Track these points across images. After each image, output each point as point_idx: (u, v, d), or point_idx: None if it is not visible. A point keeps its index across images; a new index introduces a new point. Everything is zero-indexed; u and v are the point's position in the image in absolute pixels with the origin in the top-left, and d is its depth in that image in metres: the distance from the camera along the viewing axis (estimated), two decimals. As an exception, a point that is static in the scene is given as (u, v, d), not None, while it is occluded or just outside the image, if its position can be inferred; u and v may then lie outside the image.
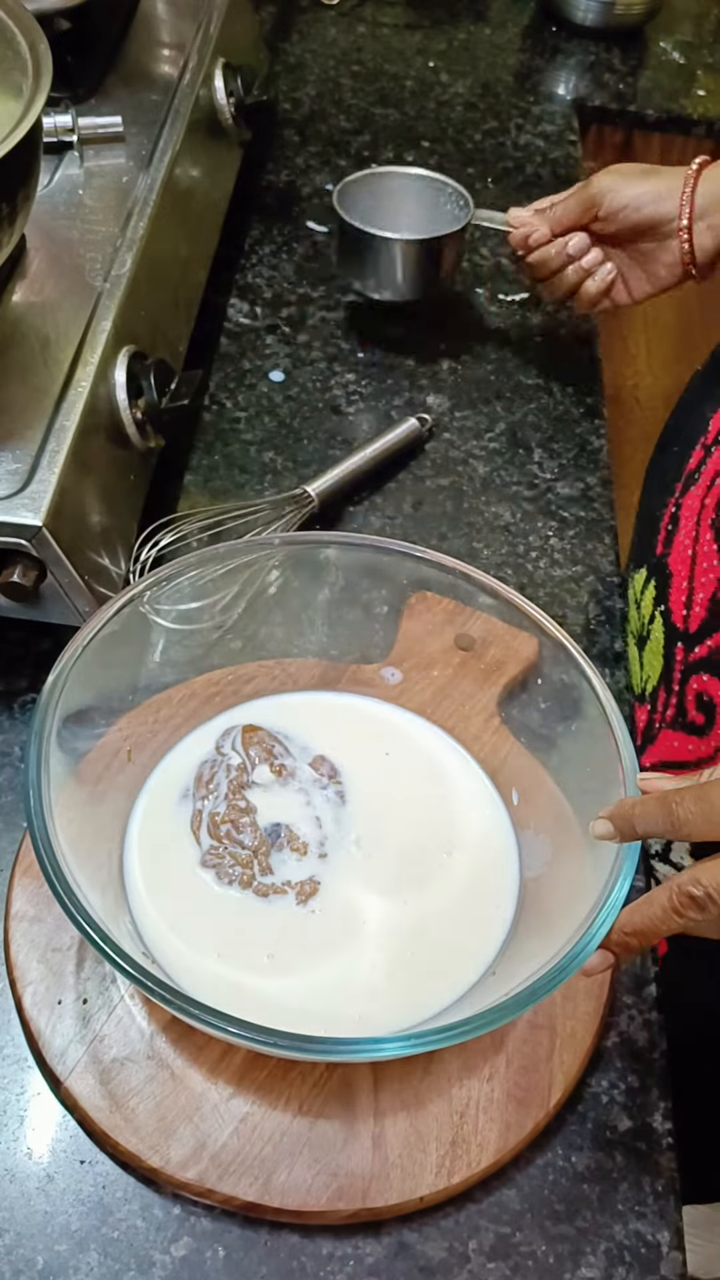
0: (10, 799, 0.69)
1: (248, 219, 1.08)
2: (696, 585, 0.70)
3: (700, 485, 0.70)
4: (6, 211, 0.67)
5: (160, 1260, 0.55)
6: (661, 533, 0.74)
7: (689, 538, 0.70)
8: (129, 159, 0.85)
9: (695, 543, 0.69)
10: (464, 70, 1.30)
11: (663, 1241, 0.57)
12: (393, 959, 0.61)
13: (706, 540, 0.68)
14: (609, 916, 0.53)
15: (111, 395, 0.73)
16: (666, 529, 0.73)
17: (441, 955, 0.61)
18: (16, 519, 0.65)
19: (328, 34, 1.32)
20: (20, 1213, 0.56)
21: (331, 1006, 0.59)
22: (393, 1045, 0.51)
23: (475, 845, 0.66)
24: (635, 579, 0.78)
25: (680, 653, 0.71)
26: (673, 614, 0.72)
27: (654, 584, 0.74)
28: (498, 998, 0.52)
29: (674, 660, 0.72)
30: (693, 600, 0.70)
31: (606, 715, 0.60)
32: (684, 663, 0.71)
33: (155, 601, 0.65)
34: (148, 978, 0.51)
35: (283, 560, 0.70)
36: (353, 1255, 0.56)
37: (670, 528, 0.73)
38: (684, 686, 0.71)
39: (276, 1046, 0.51)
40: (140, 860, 0.63)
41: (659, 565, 0.74)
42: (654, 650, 0.74)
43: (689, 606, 0.70)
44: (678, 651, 0.72)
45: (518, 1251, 0.56)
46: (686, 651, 0.71)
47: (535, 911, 0.62)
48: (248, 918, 0.62)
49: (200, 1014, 0.50)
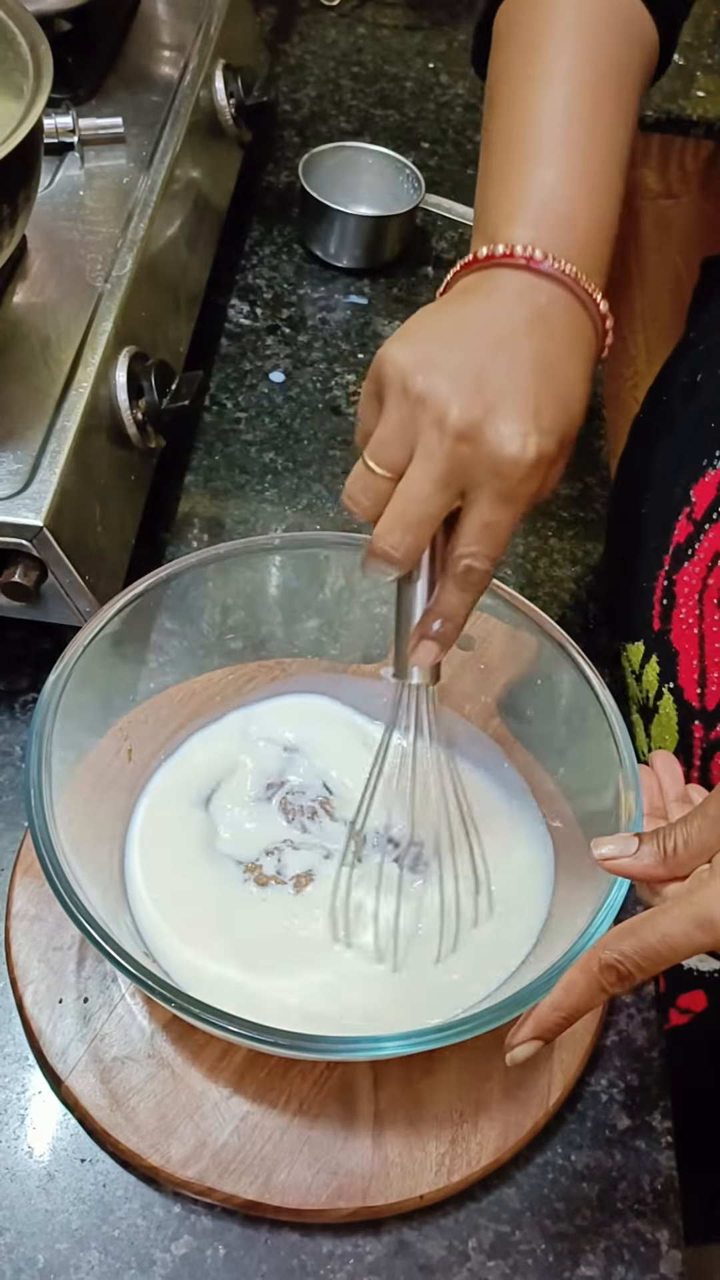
0: (11, 799, 0.69)
1: (248, 219, 1.08)
2: (710, 664, 0.69)
3: (698, 563, 0.68)
4: (7, 212, 0.67)
5: (161, 1259, 0.55)
6: (656, 607, 0.72)
7: (692, 615, 0.69)
8: (130, 160, 0.85)
9: (701, 621, 0.68)
10: (464, 71, 1.30)
11: (662, 1240, 0.57)
12: (398, 961, 0.61)
13: (716, 620, 0.67)
14: (608, 916, 0.53)
15: (112, 396, 0.74)
16: (662, 604, 0.72)
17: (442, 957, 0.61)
18: (17, 519, 0.65)
19: (328, 35, 1.32)
20: (21, 1211, 0.56)
21: (332, 1006, 0.59)
22: (392, 1044, 0.51)
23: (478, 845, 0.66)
24: (631, 651, 0.76)
25: (699, 730, 0.70)
26: (685, 692, 0.70)
27: (656, 659, 0.73)
28: (497, 998, 0.52)
29: (692, 738, 0.71)
30: (707, 679, 0.69)
31: (606, 715, 0.60)
32: (705, 740, 0.70)
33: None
34: (148, 976, 0.51)
35: (283, 560, 0.70)
36: (353, 1254, 0.56)
37: (665, 603, 0.71)
38: (707, 763, 0.70)
39: (277, 1046, 0.51)
40: (142, 860, 0.63)
41: (660, 641, 0.72)
42: (665, 726, 0.72)
43: (703, 685, 0.69)
44: (695, 729, 0.70)
45: (517, 1250, 0.56)
46: (707, 729, 0.70)
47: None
48: (250, 916, 0.62)
49: (200, 1013, 0.50)
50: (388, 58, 1.30)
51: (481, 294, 0.56)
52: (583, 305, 0.56)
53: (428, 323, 0.55)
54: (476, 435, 0.52)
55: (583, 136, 0.58)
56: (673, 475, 0.72)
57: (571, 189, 0.57)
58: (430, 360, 0.53)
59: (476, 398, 0.52)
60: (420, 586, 0.56)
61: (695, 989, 0.77)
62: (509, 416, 0.52)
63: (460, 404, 0.51)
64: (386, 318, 1.02)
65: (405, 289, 1.04)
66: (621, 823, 0.56)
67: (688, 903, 0.45)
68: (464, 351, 0.53)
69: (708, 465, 0.68)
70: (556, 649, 0.64)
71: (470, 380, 0.52)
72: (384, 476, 0.53)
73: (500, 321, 0.54)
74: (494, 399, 0.52)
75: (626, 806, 0.56)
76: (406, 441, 0.53)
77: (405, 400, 0.53)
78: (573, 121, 0.59)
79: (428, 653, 0.57)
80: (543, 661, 0.65)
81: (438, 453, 0.52)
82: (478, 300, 0.55)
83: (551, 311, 0.55)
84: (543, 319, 0.55)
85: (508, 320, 0.54)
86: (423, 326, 0.55)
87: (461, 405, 0.51)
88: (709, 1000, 0.75)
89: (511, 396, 0.52)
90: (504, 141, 0.60)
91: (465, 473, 0.52)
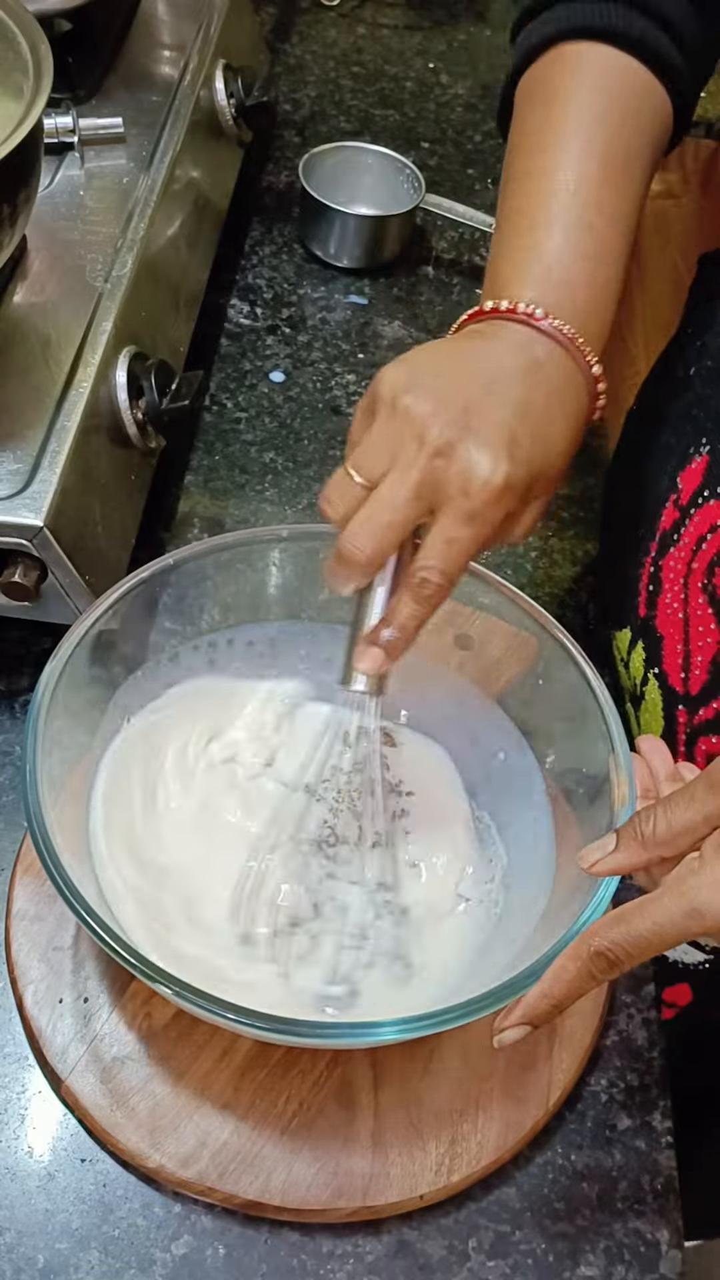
0: (11, 799, 0.69)
1: (248, 219, 1.08)
2: (694, 648, 0.70)
3: (683, 548, 0.69)
4: (8, 212, 0.67)
5: (161, 1258, 0.55)
6: (642, 594, 0.73)
7: (676, 600, 0.70)
8: (130, 160, 0.85)
9: (685, 605, 0.69)
10: (464, 71, 1.30)
11: (662, 1240, 0.57)
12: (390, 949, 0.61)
13: (699, 604, 0.68)
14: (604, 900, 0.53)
15: (112, 396, 0.74)
16: (648, 589, 0.73)
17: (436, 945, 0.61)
18: (18, 519, 0.65)
19: (328, 35, 1.32)
20: (21, 1211, 0.56)
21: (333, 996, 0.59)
22: (390, 1029, 0.51)
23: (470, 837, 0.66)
24: (619, 639, 0.77)
25: (683, 715, 0.71)
26: (669, 677, 0.71)
27: (642, 645, 0.74)
28: (491, 985, 0.52)
29: (676, 723, 0.72)
30: (691, 664, 0.70)
31: (605, 715, 0.60)
32: (688, 726, 0.71)
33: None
34: (148, 966, 0.51)
35: (282, 559, 0.70)
36: (352, 1253, 0.56)
37: (651, 589, 0.72)
38: (692, 749, 0.71)
39: (277, 1032, 0.51)
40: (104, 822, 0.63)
41: (645, 627, 0.73)
42: (651, 712, 0.73)
43: (687, 669, 0.70)
44: (679, 714, 0.71)
45: (517, 1250, 0.56)
46: (690, 714, 0.70)
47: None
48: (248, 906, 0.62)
49: (201, 1001, 0.50)
50: (388, 58, 1.30)
51: (484, 337, 0.59)
52: (577, 366, 0.60)
53: (429, 352, 0.59)
54: (451, 453, 0.54)
55: (589, 212, 0.62)
56: (660, 465, 0.73)
57: (574, 260, 0.62)
58: (423, 383, 0.56)
59: (458, 421, 0.55)
60: (379, 596, 0.58)
61: (680, 982, 0.77)
62: (485, 442, 0.55)
63: (441, 424, 0.55)
64: (386, 318, 1.02)
65: (405, 289, 1.05)
66: (616, 820, 0.56)
67: (677, 891, 0.45)
68: (456, 382, 0.56)
69: (693, 453, 0.69)
70: (556, 649, 0.64)
71: (457, 407, 0.55)
72: (361, 484, 0.56)
73: (495, 362, 0.58)
74: (475, 425, 0.55)
75: (621, 802, 0.56)
76: (388, 453, 0.55)
77: (393, 415, 0.55)
78: (581, 200, 0.62)
79: (373, 660, 0.58)
80: (543, 661, 0.65)
81: (414, 465, 0.55)
82: (479, 342, 0.59)
83: (547, 365, 0.59)
84: (537, 369, 0.58)
85: (502, 363, 0.58)
86: (423, 355, 0.59)
87: (442, 426, 0.55)
88: (694, 993, 0.75)
89: (491, 426, 0.55)
90: (516, 213, 0.64)
91: (437, 487, 0.55)
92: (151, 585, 0.65)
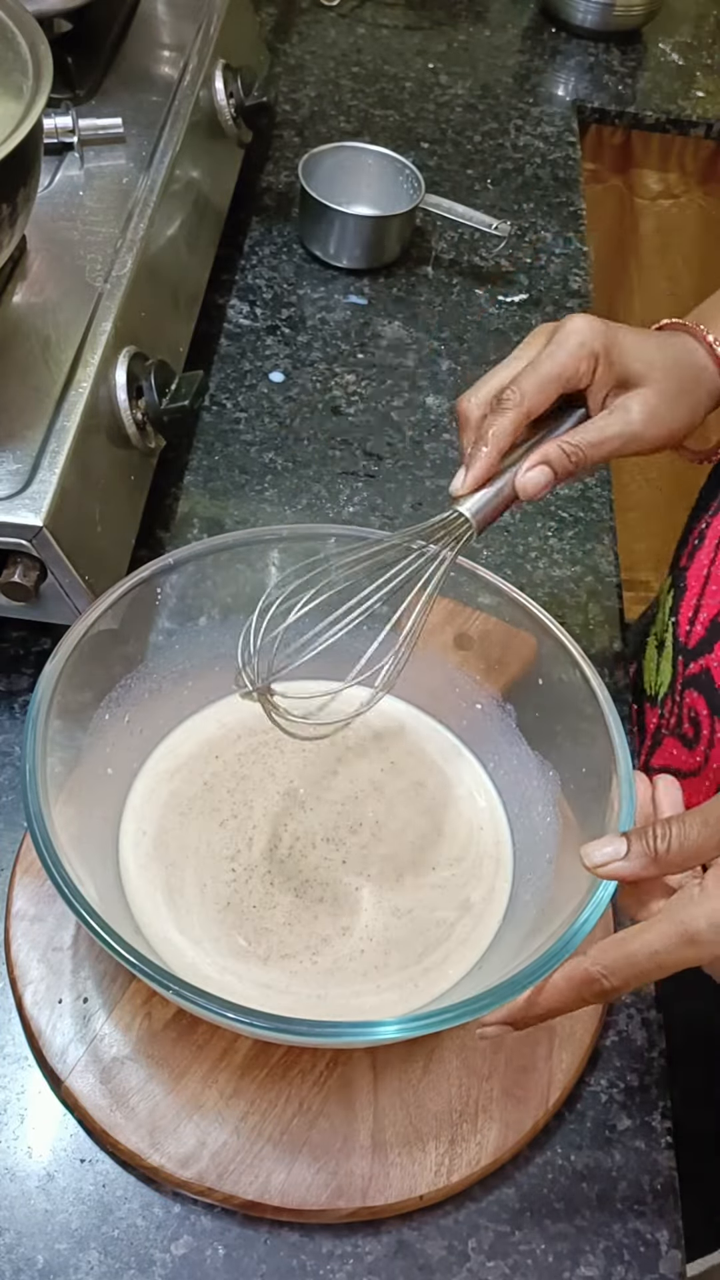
0: (10, 799, 0.69)
1: (248, 220, 1.08)
2: (705, 603, 0.71)
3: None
4: (7, 212, 0.67)
5: (160, 1259, 0.55)
6: (689, 545, 0.76)
7: (708, 556, 0.72)
8: (129, 160, 0.85)
9: (712, 563, 0.71)
10: (463, 71, 1.30)
11: (661, 1240, 0.57)
12: (389, 948, 0.61)
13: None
14: (603, 900, 0.53)
15: (112, 396, 0.74)
16: (694, 543, 0.75)
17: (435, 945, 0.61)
18: (17, 519, 0.65)
19: (328, 35, 1.32)
20: (20, 1211, 0.56)
21: (333, 996, 0.59)
22: (390, 1029, 0.51)
23: (471, 838, 0.66)
24: (665, 584, 0.80)
25: (681, 665, 0.73)
26: (679, 626, 0.74)
27: (672, 593, 0.76)
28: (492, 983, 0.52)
29: (678, 671, 0.74)
30: (697, 617, 0.72)
31: (604, 716, 0.60)
32: (683, 676, 0.73)
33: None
34: (148, 965, 0.51)
35: (282, 559, 0.70)
36: (352, 1254, 0.56)
37: (697, 542, 0.75)
38: (682, 697, 0.73)
39: (277, 1031, 0.51)
40: (133, 845, 0.63)
41: (679, 575, 0.76)
42: (667, 658, 0.76)
43: (693, 621, 0.72)
44: (679, 664, 0.74)
45: (517, 1250, 0.56)
46: (685, 665, 0.72)
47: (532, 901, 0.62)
48: (246, 908, 0.62)
49: (201, 1001, 0.50)
50: (388, 58, 1.31)
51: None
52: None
53: None
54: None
55: None
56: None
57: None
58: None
59: None
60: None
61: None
62: None
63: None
64: (386, 318, 1.02)
65: (405, 289, 1.05)
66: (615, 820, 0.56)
67: (676, 920, 0.46)
68: None
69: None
70: (556, 649, 0.64)
71: None
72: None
73: None
74: None
75: (616, 803, 0.57)
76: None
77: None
78: None
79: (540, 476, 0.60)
80: (543, 661, 0.66)
81: None
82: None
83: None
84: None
85: None
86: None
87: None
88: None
89: None
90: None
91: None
92: (151, 585, 0.65)
